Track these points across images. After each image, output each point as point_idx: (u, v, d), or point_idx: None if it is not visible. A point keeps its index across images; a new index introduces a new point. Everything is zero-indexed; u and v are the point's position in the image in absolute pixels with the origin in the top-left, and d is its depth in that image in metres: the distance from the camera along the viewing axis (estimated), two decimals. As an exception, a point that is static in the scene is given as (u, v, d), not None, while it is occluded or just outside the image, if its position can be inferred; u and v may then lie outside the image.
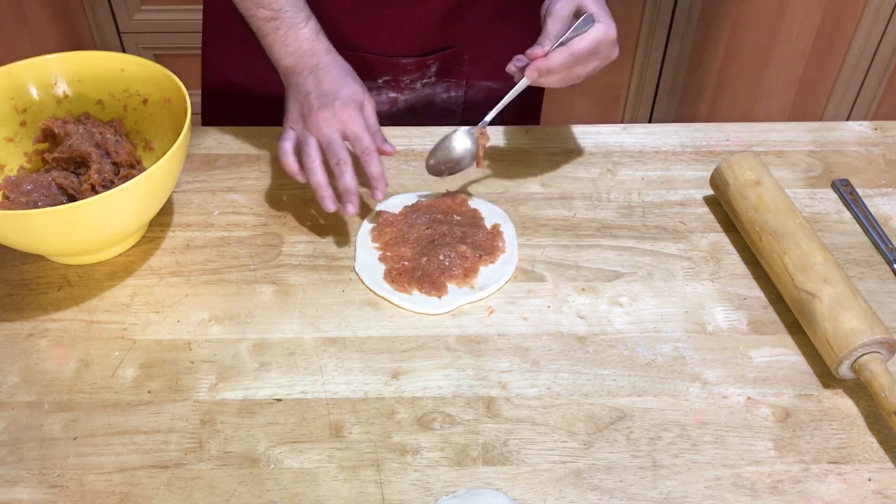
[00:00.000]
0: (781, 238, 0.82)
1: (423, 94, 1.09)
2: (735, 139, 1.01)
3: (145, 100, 0.90)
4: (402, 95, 1.08)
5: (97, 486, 0.68)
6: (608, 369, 0.77)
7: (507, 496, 0.66)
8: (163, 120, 0.89)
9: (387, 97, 1.08)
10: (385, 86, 1.07)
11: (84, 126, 0.88)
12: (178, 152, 0.80)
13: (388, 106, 1.09)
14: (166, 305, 0.82)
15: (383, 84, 1.06)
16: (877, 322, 0.74)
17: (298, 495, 0.68)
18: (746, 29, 1.89)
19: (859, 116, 2.05)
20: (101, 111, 0.92)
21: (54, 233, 0.77)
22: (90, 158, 0.85)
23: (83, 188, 0.84)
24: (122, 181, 0.83)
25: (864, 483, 0.69)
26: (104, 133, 0.88)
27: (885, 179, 0.96)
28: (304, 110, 0.87)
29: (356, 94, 0.88)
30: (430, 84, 1.08)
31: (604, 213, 0.92)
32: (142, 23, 1.87)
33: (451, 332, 0.80)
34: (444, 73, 1.07)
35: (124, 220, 0.81)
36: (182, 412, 0.73)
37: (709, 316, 0.82)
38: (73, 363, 0.77)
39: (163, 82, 0.88)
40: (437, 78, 1.07)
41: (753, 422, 0.73)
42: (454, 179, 0.95)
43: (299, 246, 0.88)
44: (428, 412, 0.73)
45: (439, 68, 1.06)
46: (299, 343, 0.79)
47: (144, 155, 0.91)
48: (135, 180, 0.76)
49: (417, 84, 1.07)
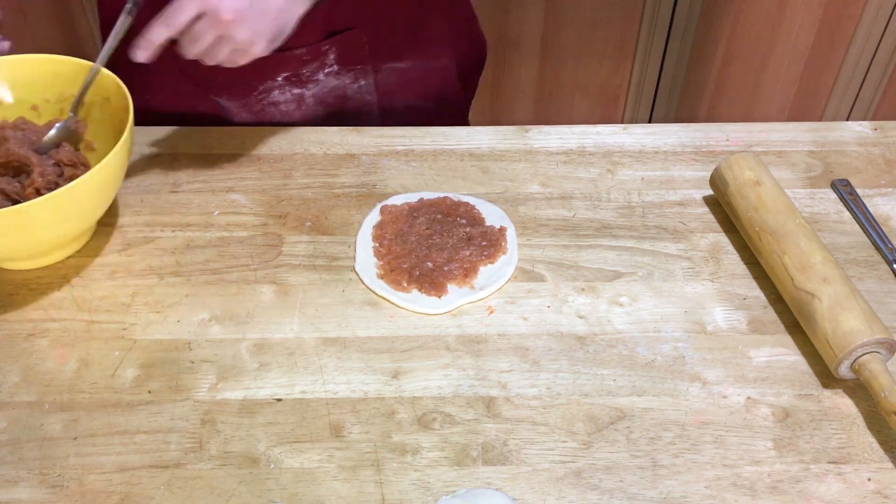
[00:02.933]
0: (781, 238, 0.82)
1: (329, 86, 1.04)
2: (735, 139, 1.02)
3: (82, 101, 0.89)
4: (308, 90, 1.04)
5: (97, 486, 0.68)
6: (608, 369, 0.77)
7: (507, 496, 0.66)
8: (102, 119, 0.88)
9: (291, 94, 1.04)
10: (286, 82, 1.02)
11: (22, 132, 0.87)
12: (124, 147, 0.80)
13: (296, 105, 1.05)
14: (166, 305, 0.82)
15: (283, 81, 1.02)
16: (876, 322, 0.74)
17: (298, 495, 0.68)
18: (746, 29, 1.90)
19: (859, 116, 2.05)
20: (37, 116, 0.91)
21: (6, 236, 0.77)
22: (30, 162, 0.83)
23: (27, 192, 0.82)
24: (68, 182, 0.81)
25: (863, 483, 0.69)
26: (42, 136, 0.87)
27: (885, 179, 0.96)
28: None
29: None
30: (333, 73, 1.03)
31: (604, 213, 0.92)
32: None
33: (451, 332, 0.80)
34: (345, 59, 1.02)
35: (78, 217, 0.81)
36: (182, 412, 0.73)
37: (708, 316, 0.82)
38: (73, 363, 0.77)
39: (100, 82, 0.87)
40: (339, 66, 1.03)
41: (753, 422, 0.73)
42: (454, 180, 0.95)
43: (299, 246, 0.88)
44: (428, 412, 0.73)
45: (339, 54, 1.02)
46: (299, 343, 0.79)
47: (87, 155, 0.90)
48: (88, 174, 0.76)
49: (319, 74, 1.02)
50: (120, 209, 0.91)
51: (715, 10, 1.86)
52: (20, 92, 0.90)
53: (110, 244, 0.88)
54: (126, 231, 0.89)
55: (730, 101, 2.03)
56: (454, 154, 0.99)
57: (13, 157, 0.84)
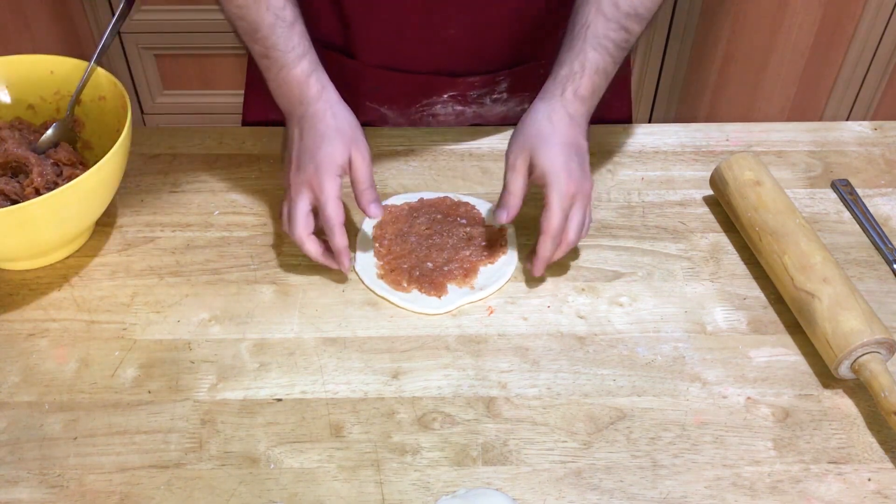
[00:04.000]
0: (781, 238, 0.82)
1: (493, 110, 1.03)
2: (735, 139, 1.01)
3: (79, 100, 0.89)
4: (470, 108, 1.02)
5: (97, 486, 0.68)
6: (608, 369, 0.77)
7: (507, 496, 0.66)
8: (99, 117, 0.89)
9: (453, 110, 1.02)
10: (451, 100, 1.01)
11: (19, 132, 0.87)
12: (123, 145, 0.80)
13: (455, 117, 1.03)
14: (166, 305, 0.82)
15: (448, 98, 1.00)
16: (876, 322, 0.74)
17: (298, 495, 0.68)
18: (746, 29, 1.89)
19: (859, 116, 2.05)
20: (34, 115, 0.91)
21: (6, 236, 0.77)
22: (29, 162, 0.84)
23: (26, 192, 0.82)
24: (67, 181, 0.81)
25: (863, 483, 0.69)
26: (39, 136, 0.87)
27: (885, 179, 0.96)
28: (286, 167, 0.83)
29: (334, 156, 0.80)
30: (501, 100, 1.02)
31: (604, 213, 0.92)
32: (142, 23, 1.87)
33: (451, 332, 0.80)
34: (516, 87, 1.00)
35: (77, 217, 0.81)
36: (182, 412, 0.73)
37: (708, 316, 0.82)
38: (73, 363, 0.77)
39: (96, 80, 0.87)
40: (508, 94, 1.01)
41: (753, 422, 0.73)
42: (454, 180, 0.95)
43: (299, 246, 0.88)
44: (428, 412, 0.73)
45: (511, 83, 1.00)
46: (299, 343, 0.79)
47: (85, 154, 0.90)
48: (88, 173, 0.76)
49: (486, 99, 1.01)
50: (120, 209, 0.91)
51: (715, 10, 1.86)
52: (16, 91, 0.90)
53: (110, 244, 0.88)
54: (126, 231, 0.89)
55: (730, 101, 2.03)
56: (454, 154, 0.99)
57: (12, 157, 0.84)
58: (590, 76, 0.81)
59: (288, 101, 0.84)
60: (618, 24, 0.81)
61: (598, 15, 0.81)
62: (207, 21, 1.86)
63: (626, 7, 0.80)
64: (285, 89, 0.83)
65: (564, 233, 0.80)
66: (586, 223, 0.82)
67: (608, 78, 0.83)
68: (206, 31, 1.86)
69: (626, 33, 0.81)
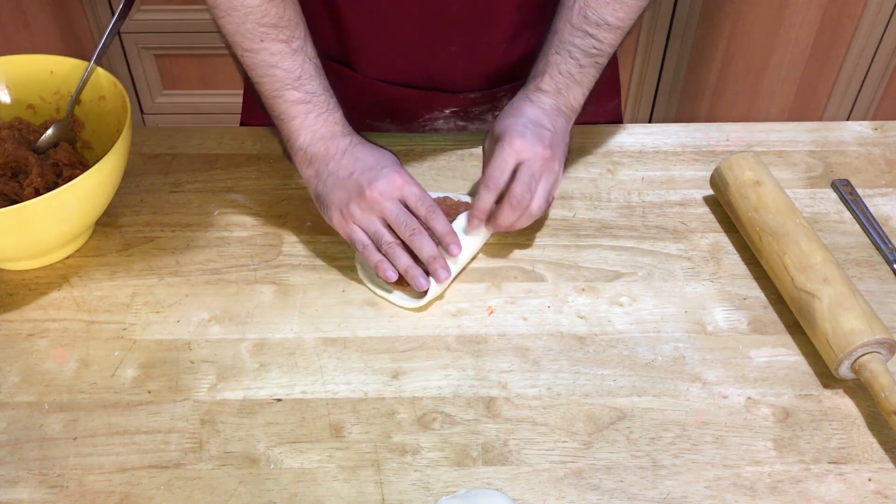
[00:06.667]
0: (781, 238, 0.82)
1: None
2: (735, 139, 1.01)
3: (78, 100, 0.89)
4: (472, 125, 1.03)
5: (97, 486, 0.68)
6: (608, 369, 0.77)
7: (507, 496, 0.66)
8: (99, 117, 0.89)
9: (455, 125, 1.03)
10: (452, 115, 1.01)
11: (19, 132, 0.87)
12: (123, 145, 0.80)
13: (457, 130, 1.03)
14: (166, 305, 0.82)
15: (450, 114, 1.01)
16: (877, 322, 0.74)
17: (298, 495, 0.68)
18: (746, 29, 1.89)
19: (859, 116, 2.05)
20: (34, 115, 0.90)
21: (6, 236, 0.77)
22: (28, 162, 0.83)
23: (26, 192, 0.82)
24: (66, 181, 0.81)
25: (863, 483, 0.69)
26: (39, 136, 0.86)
27: (885, 179, 0.96)
28: (353, 192, 0.81)
29: (396, 160, 0.84)
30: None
31: (604, 213, 0.92)
32: (142, 23, 1.87)
33: (451, 332, 0.80)
34: None
35: (77, 217, 0.81)
36: (182, 412, 0.73)
37: (709, 316, 0.82)
38: (73, 363, 0.77)
39: (96, 80, 0.87)
40: None
41: (753, 422, 0.73)
42: (454, 180, 0.95)
43: (299, 246, 0.88)
44: (428, 412, 0.73)
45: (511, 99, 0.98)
46: (299, 343, 0.79)
47: (85, 154, 0.90)
48: (88, 173, 0.76)
49: (489, 116, 1.02)
50: (120, 209, 0.91)
51: (715, 10, 1.86)
52: (16, 91, 0.90)
53: (110, 244, 0.88)
54: (126, 231, 0.89)
55: (730, 101, 2.03)
56: (454, 154, 0.99)
57: (11, 158, 0.84)
58: (551, 76, 0.86)
59: (329, 141, 0.84)
60: (584, 31, 0.84)
61: (566, 24, 0.85)
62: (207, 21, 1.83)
63: (595, 17, 0.84)
64: (325, 132, 0.84)
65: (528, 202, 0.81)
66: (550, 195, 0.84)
67: (578, 80, 0.86)
68: (206, 31, 1.86)
69: (593, 40, 0.85)
